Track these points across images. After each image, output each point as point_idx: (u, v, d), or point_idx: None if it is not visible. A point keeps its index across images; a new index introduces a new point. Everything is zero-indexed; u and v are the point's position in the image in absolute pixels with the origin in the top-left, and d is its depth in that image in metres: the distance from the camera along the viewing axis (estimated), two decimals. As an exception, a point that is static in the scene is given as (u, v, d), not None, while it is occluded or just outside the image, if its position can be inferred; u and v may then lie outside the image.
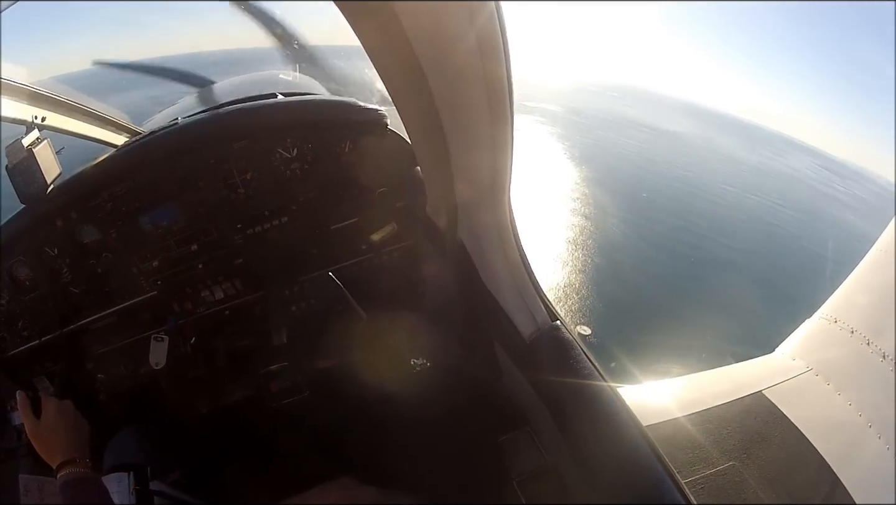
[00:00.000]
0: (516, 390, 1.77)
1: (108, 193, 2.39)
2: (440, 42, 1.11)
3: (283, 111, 2.47)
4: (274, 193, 2.43)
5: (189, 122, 2.50)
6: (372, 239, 2.49)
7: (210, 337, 2.61)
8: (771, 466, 2.54)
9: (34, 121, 2.25)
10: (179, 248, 2.51)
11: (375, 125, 2.32)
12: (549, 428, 1.64)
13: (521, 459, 1.84)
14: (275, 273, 2.55)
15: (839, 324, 2.98)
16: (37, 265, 2.47)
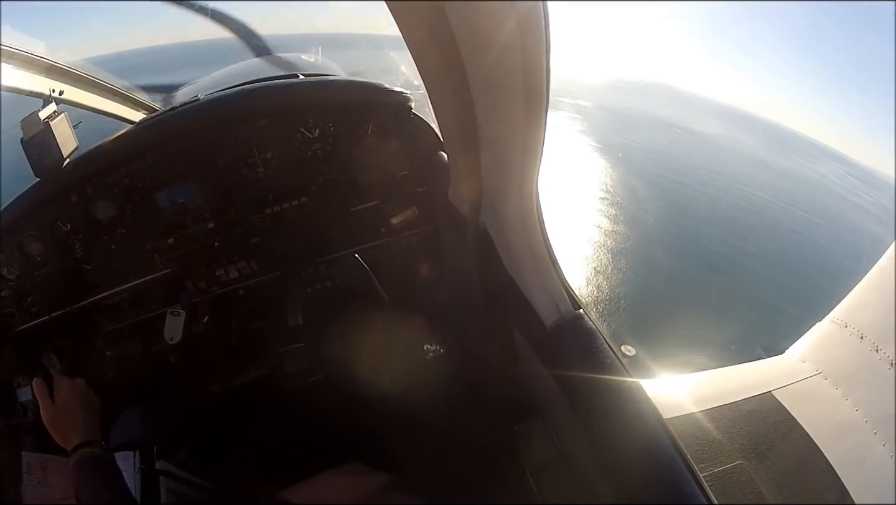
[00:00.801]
0: (534, 379, 1.76)
1: (125, 169, 2.36)
2: (481, 26, 1.10)
3: (306, 91, 2.45)
4: (294, 173, 2.40)
5: (210, 99, 2.47)
6: (392, 222, 2.47)
7: (223, 316, 2.59)
8: (777, 467, 2.53)
9: (51, 94, 2.23)
10: (196, 226, 2.49)
11: (400, 108, 2.30)
12: (567, 418, 1.63)
13: (536, 449, 1.83)
14: (292, 254, 2.53)
15: (849, 328, 2.97)
16: (49, 240, 2.45)
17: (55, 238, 2.44)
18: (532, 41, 1.10)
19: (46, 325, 2.57)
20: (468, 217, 1.78)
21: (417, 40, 1.27)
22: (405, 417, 2.28)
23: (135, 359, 2.66)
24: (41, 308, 2.57)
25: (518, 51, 1.11)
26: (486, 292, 1.87)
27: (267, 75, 3.24)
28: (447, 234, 2.26)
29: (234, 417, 2.63)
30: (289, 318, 2.42)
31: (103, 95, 2.57)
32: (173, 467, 2.30)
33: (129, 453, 2.23)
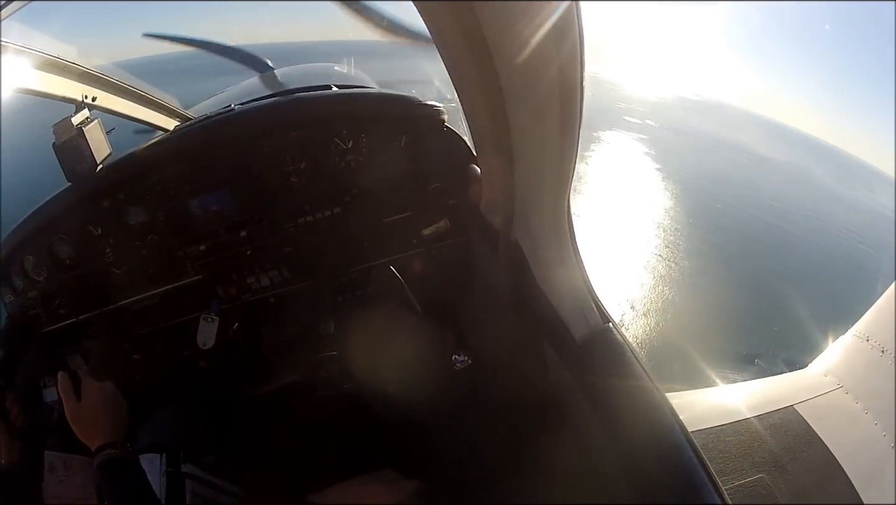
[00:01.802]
0: (562, 390, 1.76)
1: (159, 176, 2.39)
2: (516, 37, 1.08)
3: (340, 102, 2.49)
4: (328, 184, 2.42)
5: (246, 109, 2.50)
6: (424, 234, 2.48)
7: (254, 323, 2.62)
8: (798, 482, 2.53)
9: (84, 100, 2.24)
10: (228, 234, 2.51)
11: (432, 121, 2.32)
12: (593, 428, 1.62)
13: (562, 458, 1.82)
14: (324, 263, 2.54)
15: (871, 342, 2.96)
16: (79, 244, 2.47)
17: (86, 242, 2.47)
18: (567, 49, 1.09)
19: (74, 327, 2.59)
20: (500, 229, 1.78)
21: (451, 51, 1.29)
22: (434, 425, 2.30)
23: (163, 362, 2.69)
24: (69, 310, 2.59)
25: (553, 60, 1.10)
26: (516, 304, 1.86)
27: (300, 85, 3.27)
28: (478, 246, 2.27)
29: (263, 423, 2.65)
30: (320, 326, 2.43)
31: (136, 102, 2.57)
32: (199, 470, 2.32)
33: (155, 456, 2.26)
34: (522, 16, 1.05)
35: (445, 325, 2.45)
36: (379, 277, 2.48)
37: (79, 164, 2.21)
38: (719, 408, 2.80)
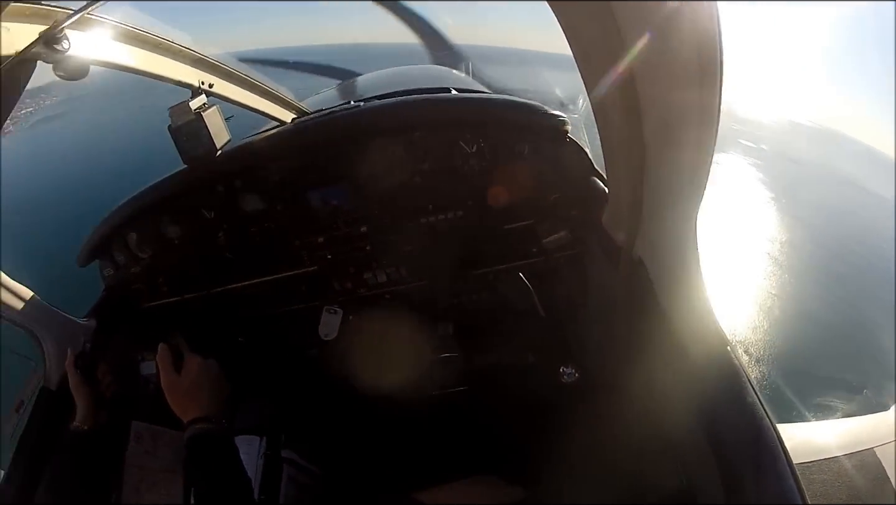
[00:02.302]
0: (671, 412, 1.74)
1: (278, 166, 2.45)
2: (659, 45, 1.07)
3: (466, 106, 2.49)
4: (450, 186, 2.43)
5: (373, 106, 2.51)
6: (543, 243, 2.47)
7: (368, 318, 2.66)
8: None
9: (201, 86, 2.28)
10: (348, 229, 2.55)
11: (556, 131, 2.31)
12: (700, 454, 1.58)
13: (666, 483, 1.80)
14: (443, 265, 2.56)
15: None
16: (189, 226, 2.56)
17: (197, 225, 2.55)
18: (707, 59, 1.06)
19: (176, 305, 2.69)
20: (622, 245, 1.77)
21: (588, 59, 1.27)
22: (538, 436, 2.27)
23: (269, 348, 2.77)
24: (173, 288, 2.70)
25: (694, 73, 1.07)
26: (633, 322, 1.82)
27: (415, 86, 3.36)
28: (597, 260, 2.24)
29: (369, 417, 2.65)
30: (438, 326, 2.52)
31: (252, 91, 2.59)
32: (298, 457, 2.35)
33: (255, 438, 2.33)
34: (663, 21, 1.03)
35: (555, 336, 2.45)
36: (501, 282, 2.49)
37: (196, 148, 2.24)
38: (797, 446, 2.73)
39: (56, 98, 23.94)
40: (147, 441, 2.34)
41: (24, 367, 2.50)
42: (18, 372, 2.50)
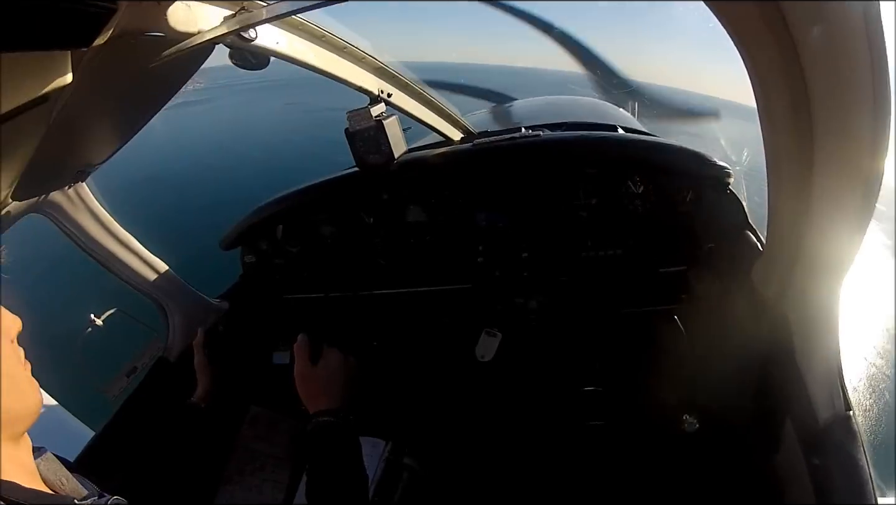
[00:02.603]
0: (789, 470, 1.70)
1: (449, 183, 2.52)
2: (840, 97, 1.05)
3: (640, 148, 2.51)
4: (613, 224, 2.46)
5: (553, 137, 2.56)
6: (692, 290, 2.46)
7: (515, 344, 2.66)
8: None
9: (380, 94, 2.26)
10: (509, 252, 2.57)
11: (719, 182, 2.31)
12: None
13: None
14: (596, 300, 2.57)
15: None
16: (346, 227, 2.66)
17: (355, 227, 2.65)
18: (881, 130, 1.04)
19: (318, 301, 2.80)
20: (769, 300, 1.76)
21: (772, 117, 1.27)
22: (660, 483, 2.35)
23: (405, 357, 2.81)
24: (317, 285, 2.81)
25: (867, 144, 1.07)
26: (767, 376, 1.82)
27: (579, 118, 3.46)
28: (741, 312, 2.18)
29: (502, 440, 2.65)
30: (585, 360, 2.52)
31: (426, 106, 2.57)
32: (420, 467, 2.39)
33: (380, 442, 2.36)
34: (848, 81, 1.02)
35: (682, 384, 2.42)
36: (654, 323, 2.47)
37: (372, 154, 2.28)
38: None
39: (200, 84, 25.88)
40: (262, 426, 2.42)
41: (143, 335, 2.54)
42: (137, 339, 2.54)
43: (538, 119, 3.41)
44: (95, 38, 1.13)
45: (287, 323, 2.80)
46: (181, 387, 2.20)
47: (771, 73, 1.16)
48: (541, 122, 3.09)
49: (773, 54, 1.09)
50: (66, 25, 1.01)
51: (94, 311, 2.29)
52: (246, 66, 1.72)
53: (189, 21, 1.43)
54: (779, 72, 1.12)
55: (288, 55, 1.75)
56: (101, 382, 2.33)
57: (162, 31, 1.40)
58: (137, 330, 2.48)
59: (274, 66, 1.79)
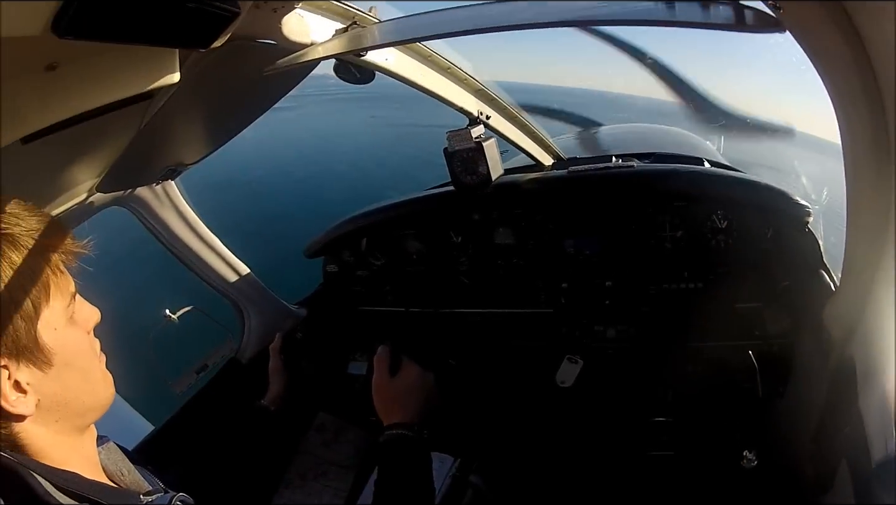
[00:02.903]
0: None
1: (540, 208, 2.54)
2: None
3: (727, 183, 2.51)
4: (697, 258, 2.47)
5: (648, 169, 2.61)
6: (766, 327, 2.42)
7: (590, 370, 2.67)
8: None
9: (479, 116, 2.24)
10: (593, 280, 2.58)
11: (799, 221, 2.28)
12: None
13: None
14: (673, 332, 2.56)
15: None
16: (434, 245, 2.69)
17: (442, 245, 2.68)
18: None
19: (398, 315, 2.84)
20: (837, 342, 1.76)
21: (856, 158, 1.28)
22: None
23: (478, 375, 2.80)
24: (398, 299, 2.85)
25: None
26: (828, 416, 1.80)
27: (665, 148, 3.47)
28: (808, 352, 2.23)
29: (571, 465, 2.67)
30: (659, 391, 2.52)
31: (521, 130, 2.56)
32: (485, 486, 2.39)
33: (448, 458, 2.36)
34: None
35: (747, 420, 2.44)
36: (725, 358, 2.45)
37: (469, 175, 2.28)
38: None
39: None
40: (329, 432, 2.48)
41: (215, 335, 2.56)
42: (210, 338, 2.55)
43: (626, 147, 3.42)
44: (214, 40, 1.11)
45: (365, 334, 2.88)
46: (251, 388, 2.22)
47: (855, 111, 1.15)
48: (629, 150, 3.09)
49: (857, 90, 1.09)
50: (189, 25, 1.00)
51: (169, 306, 2.32)
52: (350, 80, 1.70)
53: (301, 31, 1.41)
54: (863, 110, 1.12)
55: (395, 72, 1.74)
56: (169, 376, 2.36)
57: (274, 39, 1.39)
58: (211, 328, 2.50)
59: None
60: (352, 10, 1.54)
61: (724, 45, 60.47)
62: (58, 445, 0.93)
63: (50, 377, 0.90)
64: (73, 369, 0.94)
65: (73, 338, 0.95)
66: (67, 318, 0.94)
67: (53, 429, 0.92)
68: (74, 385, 0.94)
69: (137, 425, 3.24)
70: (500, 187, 2.40)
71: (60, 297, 0.93)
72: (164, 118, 1.59)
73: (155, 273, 5.00)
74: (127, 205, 2.16)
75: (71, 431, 0.96)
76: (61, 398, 0.92)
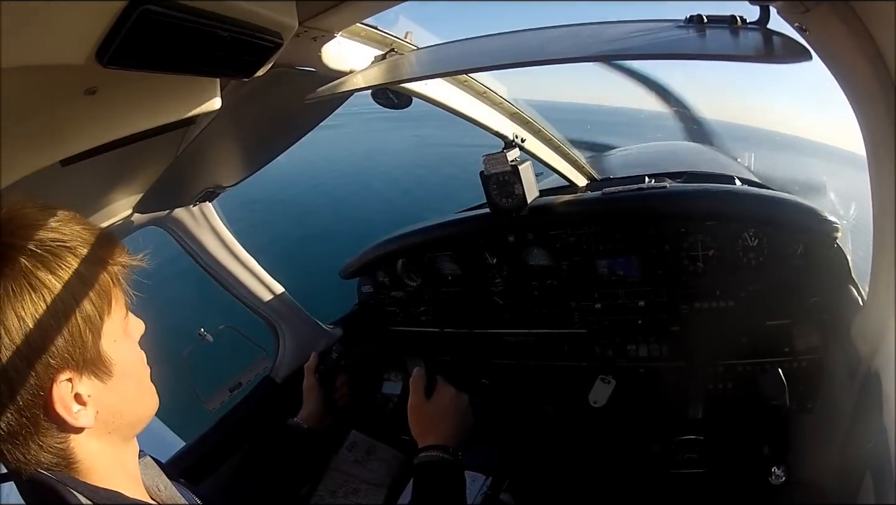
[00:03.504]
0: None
1: (574, 230, 2.53)
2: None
3: (759, 202, 2.51)
4: (728, 276, 2.45)
5: (681, 190, 2.62)
6: (795, 344, 2.42)
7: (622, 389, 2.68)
8: None
9: (515, 140, 2.26)
10: (626, 300, 2.59)
11: (827, 237, 2.27)
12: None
13: None
14: (703, 350, 2.54)
15: None
16: (469, 266, 2.71)
17: (476, 267, 2.69)
18: None
19: (432, 336, 2.87)
20: (864, 357, 1.78)
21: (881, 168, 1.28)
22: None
23: (511, 395, 2.84)
24: (431, 319, 2.87)
25: None
26: (853, 433, 1.83)
27: (695, 167, 3.50)
28: (836, 368, 2.25)
29: (601, 482, 2.68)
30: (689, 409, 2.52)
31: (555, 152, 2.60)
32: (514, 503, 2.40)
33: (480, 476, 2.37)
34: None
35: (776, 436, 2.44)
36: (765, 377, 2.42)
37: (505, 198, 2.34)
38: None
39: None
40: (360, 451, 2.48)
41: (250, 353, 2.58)
42: (243, 357, 2.58)
43: (658, 167, 3.43)
44: (258, 70, 1.13)
45: (400, 355, 2.95)
46: (284, 407, 2.25)
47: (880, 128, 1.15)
48: (661, 170, 3.10)
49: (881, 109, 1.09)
50: (232, 55, 1.01)
51: (204, 325, 2.33)
52: (389, 105, 1.73)
53: (340, 59, 1.43)
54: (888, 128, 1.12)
55: (432, 98, 1.76)
56: (203, 394, 2.37)
57: (313, 67, 1.41)
58: (245, 347, 2.53)
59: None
60: (389, 38, 1.56)
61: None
62: (106, 459, 0.93)
63: (109, 388, 0.90)
64: (129, 379, 0.95)
65: (129, 349, 0.97)
66: (124, 329, 0.96)
67: (105, 441, 0.93)
68: (129, 395, 0.95)
69: (168, 441, 3.27)
70: (535, 209, 2.45)
71: (119, 308, 0.94)
72: (204, 142, 1.62)
73: (193, 292, 5.07)
74: (164, 225, 2.20)
75: (120, 444, 0.97)
76: (117, 409, 0.93)
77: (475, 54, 1.43)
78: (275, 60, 1.15)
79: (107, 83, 1.01)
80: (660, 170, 3.10)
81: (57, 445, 0.86)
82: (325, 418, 2.17)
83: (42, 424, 0.83)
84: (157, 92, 1.16)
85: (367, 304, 3.00)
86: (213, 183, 2.12)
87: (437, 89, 1.78)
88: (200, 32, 0.88)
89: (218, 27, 0.90)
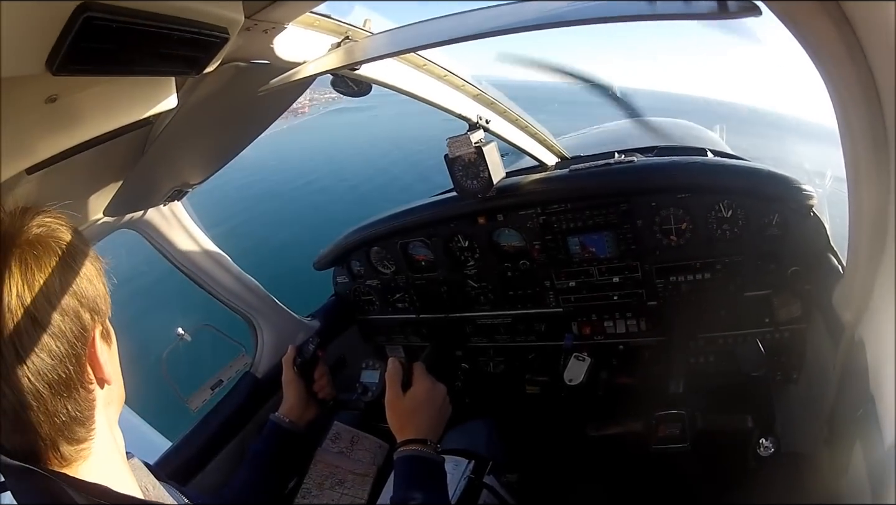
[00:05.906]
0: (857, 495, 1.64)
1: (543, 209, 2.53)
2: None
3: (730, 173, 2.51)
4: (703, 249, 2.46)
5: (647, 163, 2.61)
6: (776, 314, 2.43)
7: (600, 366, 2.67)
8: None
9: (479, 121, 2.25)
10: (601, 277, 2.60)
11: (802, 205, 2.27)
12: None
13: None
14: (682, 324, 2.57)
15: None
16: (441, 251, 2.72)
17: (449, 251, 2.71)
18: None
19: (408, 322, 2.92)
20: (847, 325, 1.74)
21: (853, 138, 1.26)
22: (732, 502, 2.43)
23: (490, 377, 2.89)
24: (407, 306, 2.91)
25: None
26: (840, 401, 1.81)
27: (671, 141, 3.48)
28: (819, 337, 2.26)
29: (580, 460, 2.71)
30: (670, 384, 2.45)
31: (521, 131, 2.57)
32: (499, 486, 2.40)
33: (462, 460, 2.38)
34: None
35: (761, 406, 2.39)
36: (744, 348, 2.38)
37: (471, 181, 2.33)
38: None
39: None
40: (344, 442, 2.50)
41: (229, 350, 2.57)
42: (222, 354, 2.57)
43: (629, 142, 3.44)
44: (206, 66, 1.13)
45: (377, 343, 3.01)
46: (267, 402, 2.31)
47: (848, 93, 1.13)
48: (632, 145, 3.13)
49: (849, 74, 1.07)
50: (178, 54, 1.02)
51: (182, 325, 2.34)
52: (348, 93, 1.73)
53: (294, 50, 1.43)
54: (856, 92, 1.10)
55: (390, 83, 1.75)
56: (184, 394, 2.37)
57: (268, 59, 1.40)
58: (225, 344, 2.53)
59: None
60: (344, 26, 1.55)
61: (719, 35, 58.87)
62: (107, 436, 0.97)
63: (111, 356, 0.96)
64: (116, 355, 1.00)
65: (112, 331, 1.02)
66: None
67: (105, 415, 0.96)
68: (118, 370, 1.00)
69: (154, 443, 3.27)
70: (503, 190, 2.45)
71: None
72: (166, 142, 1.61)
73: (168, 292, 5.02)
74: (135, 227, 2.19)
75: (114, 423, 1.01)
76: (116, 376, 0.97)
77: (427, 34, 1.42)
78: (225, 55, 1.16)
79: (66, 90, 1.03)
80: (632, 146, 3.13)
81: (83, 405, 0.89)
82: (307, 411, 2.19)
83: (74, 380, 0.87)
84: (113, 95, 1.17)
85: (344, 294, 3.03)
86: (181, 181, 2.10)
87: (395, 75, 1.77)
88: (144, 34, 0.90)
89: (162, 27, 0.91)
